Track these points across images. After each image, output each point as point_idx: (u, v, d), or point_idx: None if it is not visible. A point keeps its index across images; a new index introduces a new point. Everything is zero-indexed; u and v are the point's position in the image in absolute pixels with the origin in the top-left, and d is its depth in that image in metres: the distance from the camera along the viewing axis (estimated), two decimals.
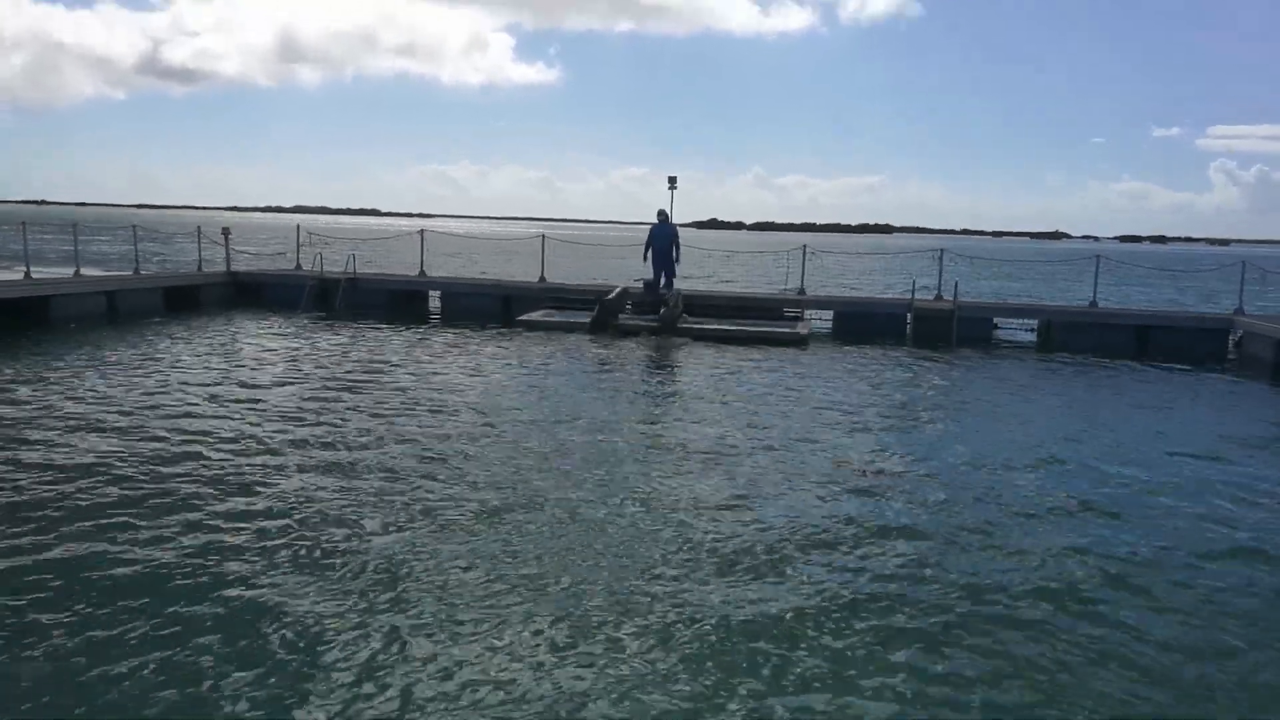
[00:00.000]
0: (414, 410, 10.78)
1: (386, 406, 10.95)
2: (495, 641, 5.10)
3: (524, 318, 19.32)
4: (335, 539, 6.56)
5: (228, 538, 6.51)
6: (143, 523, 6.73)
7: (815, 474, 8.60)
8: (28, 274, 17.88)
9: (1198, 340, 18.73)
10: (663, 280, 19.93)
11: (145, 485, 7.60)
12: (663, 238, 19.79)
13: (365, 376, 12.93)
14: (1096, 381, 15.02)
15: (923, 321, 19.73)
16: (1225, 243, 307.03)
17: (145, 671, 4.69)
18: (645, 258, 20.19)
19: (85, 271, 20.07)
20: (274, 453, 8.72)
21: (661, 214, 20.05)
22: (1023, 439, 10.46)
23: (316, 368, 13.55)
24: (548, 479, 8.11)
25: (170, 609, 5.36)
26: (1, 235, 41.10)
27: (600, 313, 18.29)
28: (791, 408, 11.71)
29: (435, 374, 13.37)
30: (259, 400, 11.08)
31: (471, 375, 13.38)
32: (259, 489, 7.61)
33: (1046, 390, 14.05)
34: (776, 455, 9.21)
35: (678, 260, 20.02)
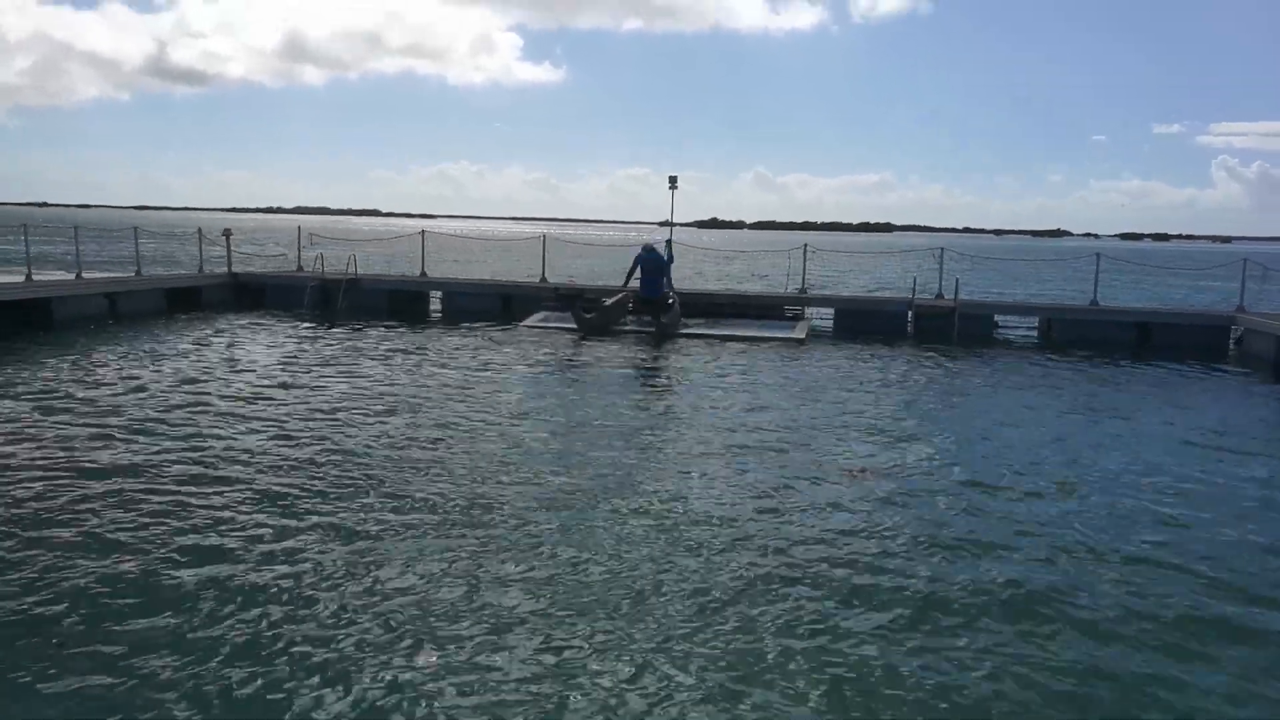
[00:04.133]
0: (417, 414, 10.81)
1: (391, 410, 10.97)
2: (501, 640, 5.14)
3: (526, 322, 19.27)
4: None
5: (227, 539, 6.54)
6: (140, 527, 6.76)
7: (807, 476, 8.63)
8: (29, 276, 17.91)
9: (1198, 337, 18.75)
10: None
11: (139, 492, 7.63)
12: (652, 269, 19.02)
13: (365, 379, 12.95)
14: (1096, 379, 14.99)
15: (924, 320, 19.77)
16: (1227, 240, 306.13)
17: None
18: (626, 283, 19.72)
19: (87, 274, 20.09)
20: (257, 457, 8.75)
21: (647, 247, 19.19)
22: (1021, 439, 10.48)
23: (315, 370, 13.57)
24: (547, 483, 8.14)
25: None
26: (2, 238, 41.12)
27: (594, 317, 18.25)
28: (787, 410, 11.74)
29: (437, 376, 13.39)
30: (254, 403, 11.10)
31: (473, 378, 13.39)
32: (252, 493, 7.64)
33: (1045, 389, 14.02)
34: (767, 459, 9.24)
35: (670, 291, 19.12)
